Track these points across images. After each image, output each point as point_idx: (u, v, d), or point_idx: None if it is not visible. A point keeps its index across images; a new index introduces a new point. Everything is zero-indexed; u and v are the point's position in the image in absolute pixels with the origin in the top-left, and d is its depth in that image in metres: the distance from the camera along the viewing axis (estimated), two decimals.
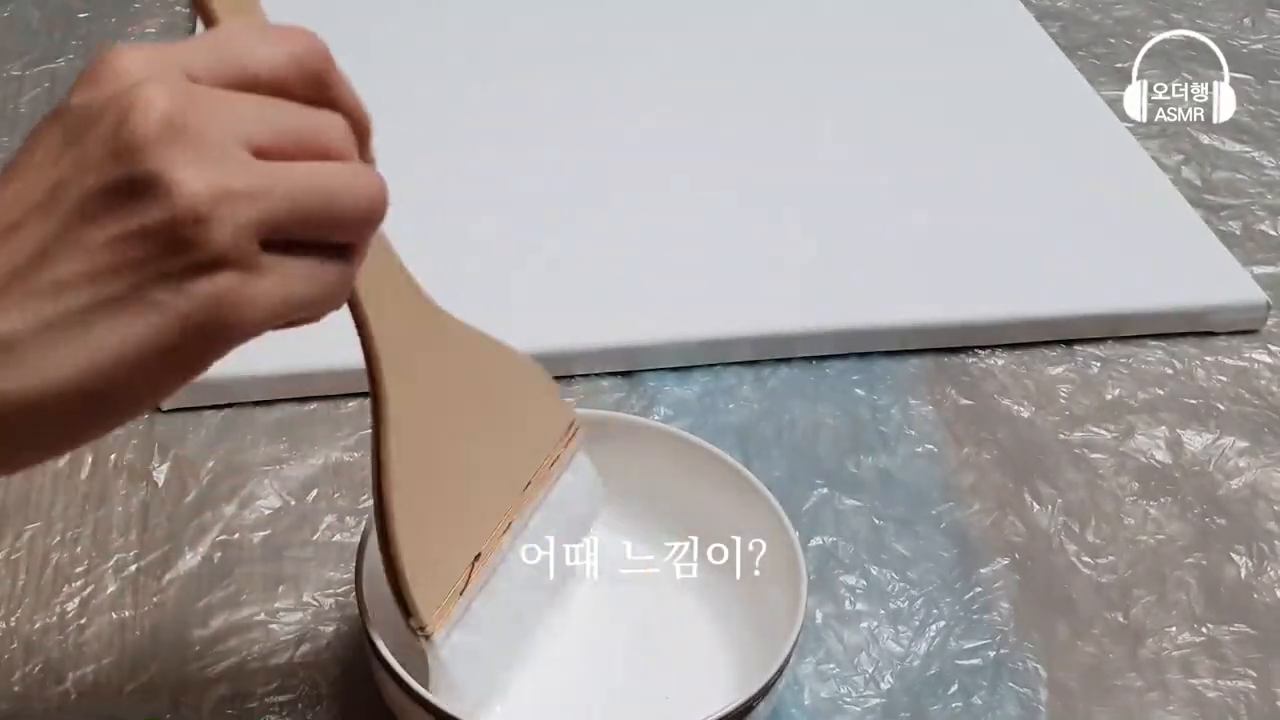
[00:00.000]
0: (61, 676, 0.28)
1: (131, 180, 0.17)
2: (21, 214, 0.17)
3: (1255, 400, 0.38)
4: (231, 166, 0.17)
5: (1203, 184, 0.46)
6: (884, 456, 0.35)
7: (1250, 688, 0.30)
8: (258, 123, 0.18)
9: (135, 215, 0.17)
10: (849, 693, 0.29)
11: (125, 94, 0.17)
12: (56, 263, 0.17)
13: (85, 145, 0.17)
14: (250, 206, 0.17)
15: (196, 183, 0.17)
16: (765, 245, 0.41)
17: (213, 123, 0.17)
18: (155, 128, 0.17)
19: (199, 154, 0.17)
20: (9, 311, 0.17)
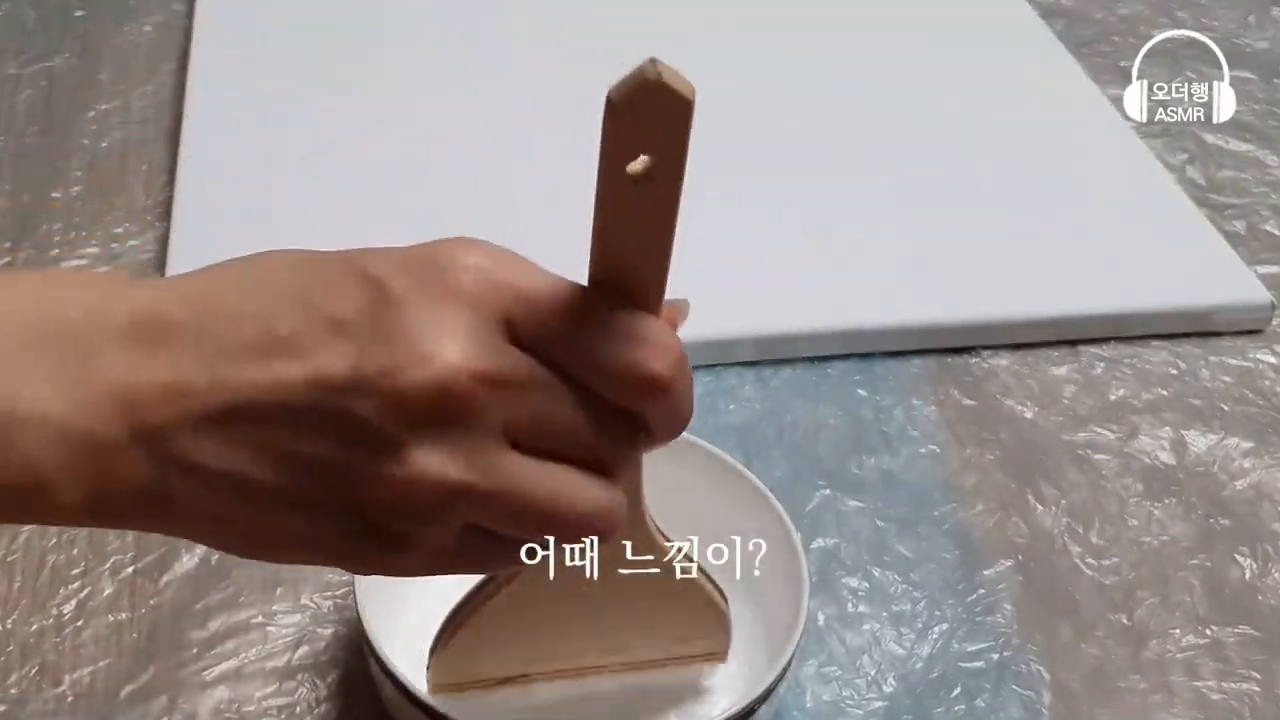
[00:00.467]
0: (59, 679, 0.28)
1: (379, 437, 0.16)
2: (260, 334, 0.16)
3: (1260, 401, 0.38)
4: (475, 463, 0.16)
5: (1207, 183, 0.46)
6: (886, 457, 0.35)
7: (1254, 689, 0.30)
8: (525, 421, 0.17)
9: (364, 457, 0.16)
10: (851, 695, 0.29)
11: (427, 336, 0.16)
12: (272, 428, 0.16)
13: (364, 348, 0.16)
14: (472, 510, 0.17)
15: (435, 469, 0.16)
16: (767, 245, 0.41)
17: (485, 412, 0.16)
18: (429, 399, 0.16)
19: (453, 440, 0.16)
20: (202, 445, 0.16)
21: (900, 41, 0.50)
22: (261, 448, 0.16)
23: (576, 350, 0.17)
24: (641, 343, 0.17)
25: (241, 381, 0.16)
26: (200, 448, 0.16)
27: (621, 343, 0.17)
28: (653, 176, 0.16)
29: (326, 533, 0.17)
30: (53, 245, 0.40)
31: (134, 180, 0.43)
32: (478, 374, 0.16)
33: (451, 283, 0.16)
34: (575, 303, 0.17)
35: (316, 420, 0.16)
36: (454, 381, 0.16)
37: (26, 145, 0.44)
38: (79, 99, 0.46)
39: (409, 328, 0.16)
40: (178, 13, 0.50)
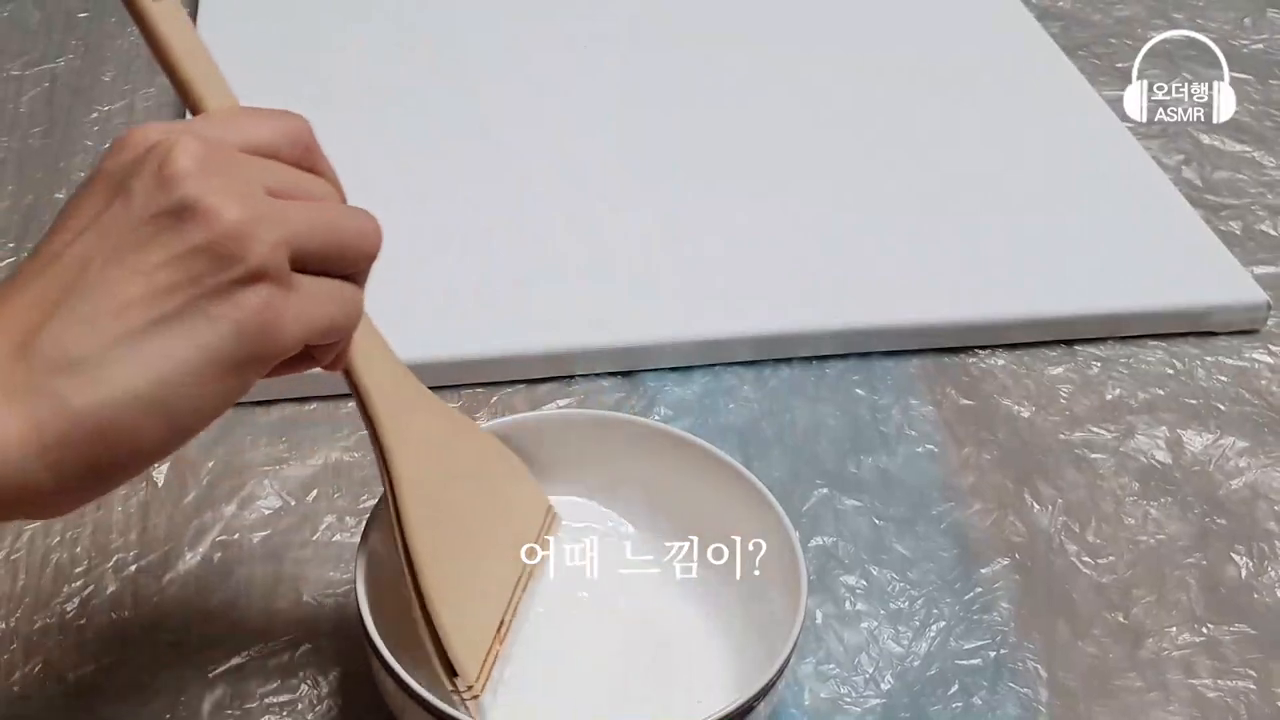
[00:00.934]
0: (61, 676, 0.28)
1: (178, 207, 0.19)
2: (72, 244, 0.19)
3: (1255, 400, 0.38)
4: (258, 198, 0.20)
5: (1203, 184, 0.46)
6: (884, 457, 0.35)
7: (1250, 688, 0.30)
8: (267, 174, 0.21)
9: (182, 238, 0.19)
10: (849, 693, 0.29)
11: (161, 143, 0.20)
12: (115, 286, 0.19)
13: (129, 187, 0.19)
14: (279, 228, 0.20)
15: (233, 208, 0.19)
16: (765, 245, 0.41)
17: (236, 167, 0.20)
18: (193, 163, 0.19)
19: (231, 186, 0.20)
20: (75, 333, 0.19)
21: (898, 44, 0.51)
22: (107, 308, 0.19)
23: (249, 138, 0.21)
24: (275, 116, 0.22)
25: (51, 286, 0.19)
26: (62, 348, 0.19)
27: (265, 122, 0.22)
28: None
29: (207, 315, 0.19)
30: None
31: None
32: (211, 142, 0.20)
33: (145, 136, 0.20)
34: (221, 112, 0.22)
35: (136, 237, 0.19)
36: (203, 147, 0.20)
37: (30, 146, 0.44)
38: (82, 100, 0.46)
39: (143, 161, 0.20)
40: None
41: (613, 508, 0.30)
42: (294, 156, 0.21)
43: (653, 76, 0.48)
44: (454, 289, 0.39)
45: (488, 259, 0.39)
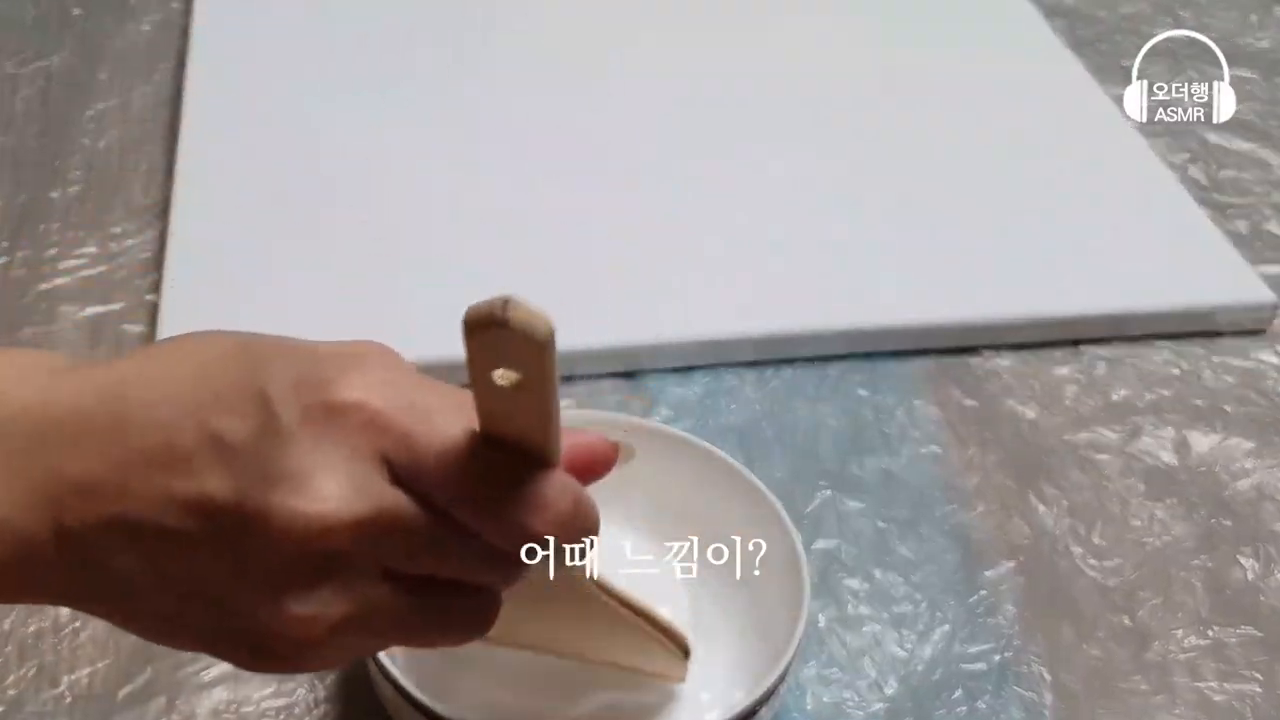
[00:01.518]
0: (56, 680, 0.28)
1: (254, 575, 0.17)
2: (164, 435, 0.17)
3: (1262, 401, 0.38)
4: (348, 600, 0.17)
5: (1209, 183, 0.46)
6: (887, 458, 0.35)
7: (1256, 690, 0.30)
8: (406, 559, 0.17)
9: (243, 597, 0.17)
10: (852, 697, 0.29)
11: (305, 483, 0.16)
12: (163, 545, 0.17)
13: (248, 484, 0.17)
14: (345, 635, 0.17)
15: (306, 612, 0.17)
16: (767, 245, 0.40)
17: (359, 557, 0.17)
18: (304, 548, 0.16)
19: (326, 584, 0.17)
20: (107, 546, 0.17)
21: (902, 41, 0.50)
22: (155, 560, 0.17)
23: (460, 503, 0.17)
24: (526, 504, 0.17)
25: (143, 491, 0.17)
26: (105, 550, 0.17)
27: (506, 502, 0.17)
28: (519, 388, 0.17)
29: (220, 643, 0.18)
30: (51, 244, 0.40)
31: (132, 179, 0.43)
32: (350, 524, 0.17)
33: (337, 418, 0.17)
34: (461, 455, 0.17)
35: (201, 540, 0.17)
36: (328, 532, 0.17)
37: (25, 144, 0.44)
38: (77, 98, 0.46)
39: (294, 468, 0.16)
40: (176, 11, 0.50)
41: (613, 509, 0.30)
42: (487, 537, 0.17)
43: (655, 76, 0.47)
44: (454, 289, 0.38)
45: (488, 259, 0.39)
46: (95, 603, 0.18)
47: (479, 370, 0.17)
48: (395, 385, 0.17)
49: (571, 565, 0.19)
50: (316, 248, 0.40)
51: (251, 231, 0.40)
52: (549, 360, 0.16)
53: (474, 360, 0.16)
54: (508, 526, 0.17)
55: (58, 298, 0.38)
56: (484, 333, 0.16)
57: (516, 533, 0.17)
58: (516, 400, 0.17)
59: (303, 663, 0.18)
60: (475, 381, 0.17)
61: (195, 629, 0.18)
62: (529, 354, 0.16)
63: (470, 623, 0.19)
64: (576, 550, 0.18)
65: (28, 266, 0.39)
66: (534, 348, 0.16)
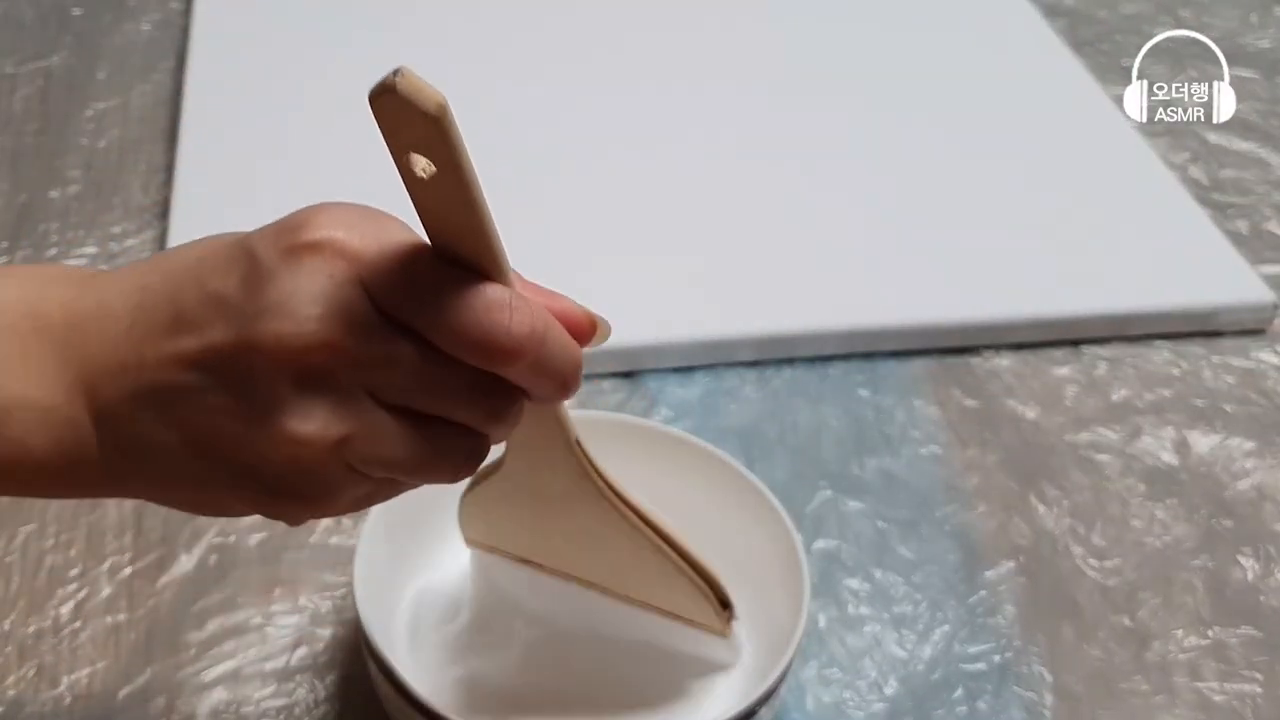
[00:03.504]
0: (56, 680, 0.28)
1: (256, 401, 0.18)
2: (163, 303, 0.19)
3: (1262, 401, 0.38)
4: (345, 417, 0.18)
5: (1210, 183, 0.46)
6: (888, 458, 0.35)
7: (1257, 691, 0.30)
8: (391, 389, 0.18)
9: (248, 424, 0.18)
10: (852, 698, 0.29)
11: (286, 308, 0.18)
12: (179, 404, 0.18)
13: (239, 322, 0.18)
14: (352, 453, 0.18)
15: (305, 427, 0.18)
16: (768, 245, 0.40)
17: (348, 376, 0.18)
18: (294, 367, 0.18)
19: (319, 400, 0.18)
20: (119, 401, 0.19)
21: (902, 41, 0.50)
22: (176, 423, 0.19)
23: (424, 315, 0.18)
24: (483, 308, 0.18)
25: (157, 359, 0.19)
26: (135, 424, 0.19)
27: (462, 308, 0.18)
28: (436, 177, 0.17)
29: (244, 490, 0.19)
30: (50, 244, 0.40)
31: (132, 179, 0.43)
32: (332, 346, 0.18)
33: (311, 253, 0.18)
34: (420, 269, 0.18)
35: (208, 389, 0.18)
36: (310, 356, 0.18)
37: (24, 144, 0.44)
38: (77, 98, 0.46)
39: (272, 304, 0.18)
40: (176, 11, 0.50)
41: None
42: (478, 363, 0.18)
43: (655, 77, 0.47)
44: None
45: None
46: (132, 479, 0.19)
47: (397, 157, 0.17)
48: (363, 220, 0.18)
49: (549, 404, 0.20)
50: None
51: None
52: (451, 141, 0.17)
53: (389, 144, 0.17)
54: (464, 331, 0.18)
55: None
56: (378, 103, 0.16)
57: (474, 336, 0.18)
58: (439, 195, 0.17)
59: (319, 497, 0.18)
60: (401, 175, 0.17)
61: (224, 484, 0.19)
62: (429, 132, 0.16)
63: (457, 461, 0.19)
64: (553, 381, 0.19)
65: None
66: (429, 122, 0.16)
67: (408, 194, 0.18)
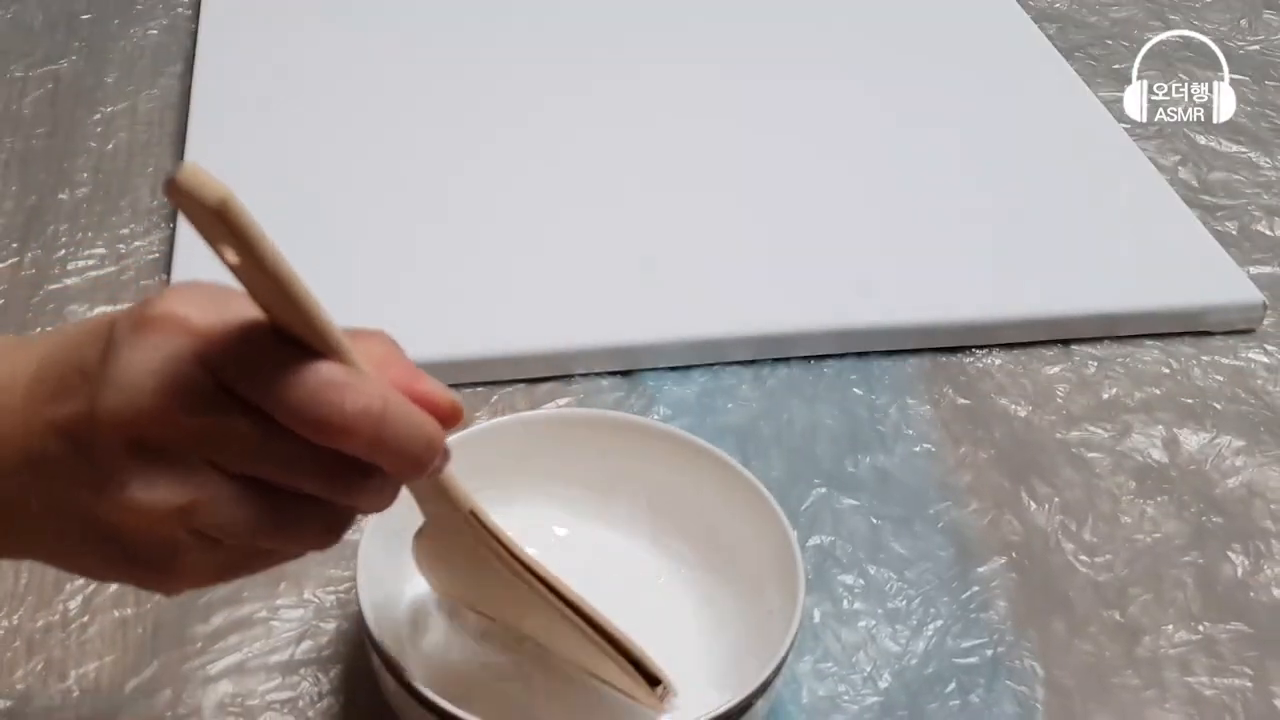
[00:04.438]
0: (64, 674, 0.29)
1: (101, 471, 0.18)
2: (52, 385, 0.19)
3: (1251, 400, 0.38)
4: (186, 485, 0.18)
5: (1199, 184, 0.46)
6: (882, 456, 0.35)
7: (1247, 686, 0.30)
8: (233, 460, 0.19)
9: (95, 495, 0.19)
10: (847, 691, 0.30)
11: (125, 380, 0.18)
12: (43, 474, 0.19)
13: (87, 396, 0.18)
14: (200, 521, 0.19)
15: (144, 496, 0.18)
16: (764, 245, 0.41)
17: (186, 446, 0.18)
18: (132, 437, 0.18)
19: (158, 468, 0.18)
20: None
21: (894, 45, 0.51)
22: (41, 484, 0.19)
23: (260, 391, 0.18)
24: (315, 385, 0.18)
25: (39, 425, 0.19)
26: (19, 486, 0.19)
27: (295, 384, 0.18)
28: (242, 265, 0.17)
29: (107, 557, 0.19)
30: (59, 246, 0.41)
31: (140, 182, 0.43)
32: (164, 417, 0.18)
33: (153, 328, 0.19)
34: (258, 347, 0.18)
35: (67, 456, 0.19)
36: (147, 423, 0.18)
37: (33, 147, 0.44)
38: (85, 101, 0.46)
39: (115, 371, 0.18)
40: (183, 15, 0.51)
41: (611, 507, 0.31)
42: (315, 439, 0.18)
43: (652, 78, 0.48)
44: (454, 289, 0.39)
45: (487, 259, 0.40)
46: (10, 537, 0.20)
47: (211, 245, 0.17)
48: (209, 298, 0.19)
49: (414, 483, 0.20)
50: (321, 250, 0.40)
51: None
52: (242, 232, 0.17)
53: (201, 235, 0.17)
54: (298, 407, 0.18)
55: (66, 298, 0.39)
56: (169, 194, 0.16)
57: (307, 413, 0.18)
58: (251, 281, 0.18)
59: (173, 566, 0.19)
60: (214, 253, 0.18)
61: (89, 550, 0.19)
62: (218, 225, 0.17)
63: (315, 531, 0.20)
64: (401, 458, 0.19)
65: (37, 267, 0.40)
66: (214, 216, 0.16)
67: None
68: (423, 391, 0.20)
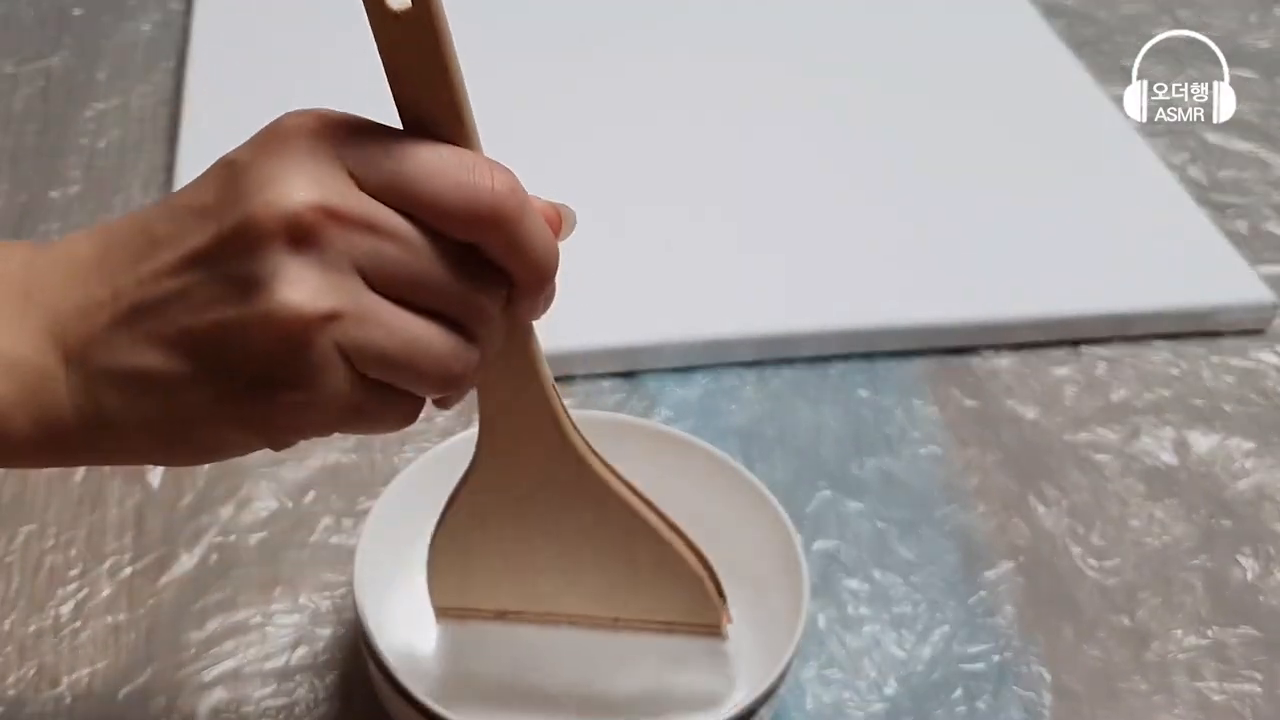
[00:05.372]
0: (56, 680, 0.28)
1: (243, 281, 0.18)
2: (158, 245, 0.18)
3: (1262, 401, 0.38)
4: (338, 291, 0.18)
5: (1209, 183, 0.46)
6: (887, 458, 0.35)
7: (1256, 690, 0.30)
8: (381, 263, 0.18)
9: (238, 306, 0.18)
10: (852, 697, 0.29)
11: (271, 181, 0.18)
12: (161, 315, 0.18)
13: (221, 215, 0.18)
14: (343, 333, 0.18)
15: (298, 296, 0.18)
16: (766, 245, 0.40)
17: (339, 243, 0.18)
18: (281, 233, 0.17)
19: (312, 268, 0.18)
20: (101, 341, 0.18)
21: (902, 42, 0.50)
22: (158, 336, 0.18)
23: (404, 185, 0.18)
24: (463, 169, 0.18)
25: (133, 282, 0.18)
26: (113, 353, 0.18)
27: (441, 171, 0.18)
28: (412, 14, 0.17)
29: (234, 399, 0.18)
30: None
31: (132, 179, 0.43)
32: (321, 207, 0.18)
33: (289, 140, 0.18)
34: (396, 142, 0.18)
35: (192, 292, 0.18)
36: (301, 214, 0.18)
37: (25, 144, 0.44)
38: (77, 98, 0.46)
39: (256, 183, 0.18)
40: (176, 11, 0.50)
41: None
42: (466, 236, 0.18)
43: (654, 78, 0.47)
44: None
45: None
46: (106, 431, 0.19)
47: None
48: (331, 112, 0.19)
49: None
50: None
51: None
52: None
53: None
54: (449, 194, 0.18)
55: None
56: None
57: (458, 197, 0.18)
58: (410, 41, 0.17)
59: (306, 383, 0.18)
60: (372, 22, 0.17)
61: (206, 397, 0.18)
62: None
63: (445, 359, 0.19)
64: (536, 253, 0.19)
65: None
66: None
67: (378, 52, 0.18)
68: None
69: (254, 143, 0.19)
